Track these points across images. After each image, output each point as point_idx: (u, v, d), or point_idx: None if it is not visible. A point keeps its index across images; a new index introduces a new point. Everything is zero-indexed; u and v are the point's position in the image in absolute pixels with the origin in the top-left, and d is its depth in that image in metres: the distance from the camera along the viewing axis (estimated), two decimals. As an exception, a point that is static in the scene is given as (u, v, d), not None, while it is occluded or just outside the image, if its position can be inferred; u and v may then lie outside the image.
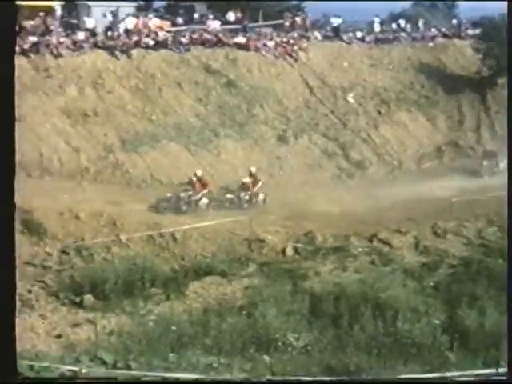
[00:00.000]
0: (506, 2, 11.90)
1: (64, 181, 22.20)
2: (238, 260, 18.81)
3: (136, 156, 24.29)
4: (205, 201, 22.11)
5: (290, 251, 19.64)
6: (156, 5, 46.14)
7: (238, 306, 15.27)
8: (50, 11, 30.79)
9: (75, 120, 24.86)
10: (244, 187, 23.01)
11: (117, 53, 27.90)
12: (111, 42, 28.26)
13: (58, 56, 26.50)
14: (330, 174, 27.31)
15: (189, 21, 33.70)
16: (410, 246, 19.72)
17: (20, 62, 25.86)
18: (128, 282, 15.89)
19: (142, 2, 44.18)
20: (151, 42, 29.09)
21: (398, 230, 20.57)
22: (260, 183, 23.36)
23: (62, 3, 33.35)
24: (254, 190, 23.00)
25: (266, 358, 12.54)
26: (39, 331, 13.30)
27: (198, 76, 28.76)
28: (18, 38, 26.75)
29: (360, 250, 19.33)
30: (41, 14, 29.27)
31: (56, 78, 25.80)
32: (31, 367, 8.73)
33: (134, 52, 28.29)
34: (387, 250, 19.39)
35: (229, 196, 22.91)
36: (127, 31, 29.49)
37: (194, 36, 30.51)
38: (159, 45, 29.16)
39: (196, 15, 34.77)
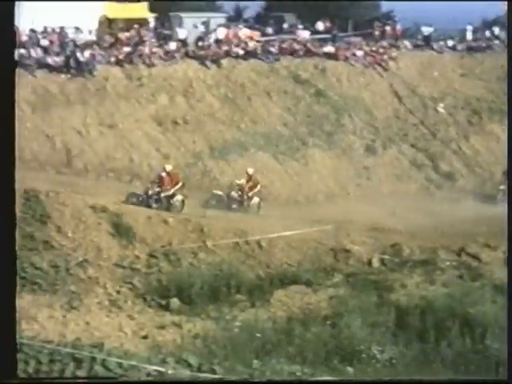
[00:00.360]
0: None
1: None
2: (323, 270, 18.66)
3: (224, 164, 24.63)
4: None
5: (376, 262, 19.32)
6: (246, 15, 46.96)
7: (322, 316, 15.14)
8: (143, 23, 31.79)
9: (166, 127, 25.54)
10: (238, 189, 22.26)
11: (207, 62, 28.44)
12: (202, 52, 28.83)
13: (150, 65, 27.31)
14: (419, 186, 26.83)
15: (278, 31, 33.97)
16: (500, 261, 19.07)
17: (114, 71, 26.86)
18: (214, 288, 16.06)
19: (232, 13, 45.08)
20: (241, 52, 29.48)
21: (487, 245, 19.91)
22: (258, 187, 22.48)
23: (156, 15, 34.39)
24: (250, 194, 22.12)
25: (350, 369, 12.39)
26: (127, 331, 13.60)
27: (286, 85, 28.92)
28: (113, 49, 27.80)
29: (448, 263, 18.81)
30: (135, 25, 30.27)
31: (148, 86, 26.59)
32: (120, 365, 8.94)
33: (224, 61, 28.75)
34: (476, 265, 18.80)
35: (217, 193, 22.30)
36: (218, 41, 30.02)
37: (284, 46, 30.71)
38: (249, 54, 29.52)
39: (285, 25, 35.02)
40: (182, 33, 31.30)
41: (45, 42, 27.43)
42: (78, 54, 26.57)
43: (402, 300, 15.90)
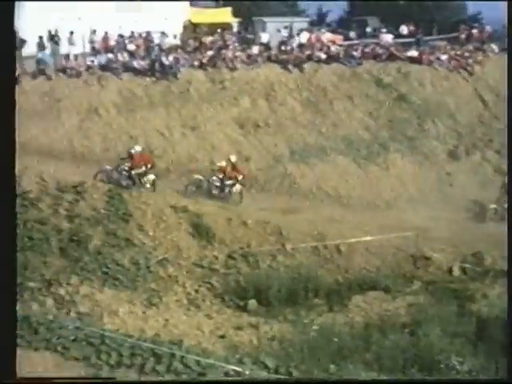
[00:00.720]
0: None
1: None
2: (402, 276, 18.42)
3: (304, 167, 24.61)
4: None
5: (456, 271, 18.93)
6: (329, 19, 46.90)
7: (400, 324, 14.94)
8: (227, 27, 32.21)
9: (247, 130, 25.76)
10: (219, 172, 21.56)
11: (289, 66, 28.53)
12: (284, 56, 28.93)
13: (233, 69, 27.62)
14: (503, 193, 26.01)
15: (361, 35, 33.75)
16: None
17: (198, 74, 27.31)
18: (291, 291, 16.10)
19: (315, 17, 45.08)
20: (323, 56, 29.41)
21: None
22: (241, 177, 21.80)
23: (239, 20, 34.80)
24: (231, 182, 21.45)
25: (429, 379, 12.15)
26: (204, 330, 13.78)
27: (368, 90, 28.69)
28: (196, 53, 28.28)
29: (533, 274, 18.20)
30: (219, 30, 30.72)
31: (230, 89, 26.89)
32: (198, 362, 9.06)
33: (306, 65, 28.78)
34: None
35: (197, 177, 21.64)
36: (300, 45, 30.07)
37: (366, 50, 30.46)
38: (331, 58, 29.43)
39: (368, 29, 34.75)
40: (264, 37, 31.54)
41: (131, 47, 28.17)
42: (163, 58, 27.14)
43: (483, 311, 15.52)
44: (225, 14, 34.61)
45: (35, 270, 15.44)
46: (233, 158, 22.03)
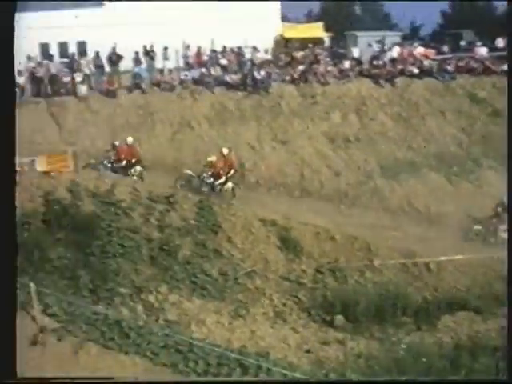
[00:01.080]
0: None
1: (322, 202, 22.92)
2: (494, 297, 17.80)
3: (395, 183, 24.27)
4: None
5: (553, 294, 18.15)
6: (422, 33, 46.23)
7: (492, 347, 14.43)
8: (318, 42, 32.29)
9: (337, 145, 25.69)
10: (209, 166, 20.99)
11: (381, 81, 28.29)
12: (376, 71, 28.71)
13: (324, 84, 27.67)
14: None
15: (455, 48, 33.00)
16: None
17: (289, 89, 27.51)
18: (379, 308, 15.85)
19: (407, 31, 44.55)
20: (415, 71, 29.01)
21: None
22: (232, 171, 21.17)
23: (331, 34, 34.82)
24: (223, 179, 20.87)
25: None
26: (290, 343, 13.76)
27: (462, 105, 28.07)
28: (288, 68, 28.49)
29: None
30: (310, 45, 30.82)
31: (321, 104, 26.94)
32: (285, 375, 9.07)
33: (398, 80, 28.47)
34: None
35: (187, 172, 21.14)
36: (392, 60, 29.74)
37: (460, 64, 29.81)
38: (424, 73, 29.00)
39: (463, 42, 33.96)
40: (356, 51, 31.42)
41: (224, 61, 28.68)
42: (255, 73, 27.49)
43: None
44: (317, 29, 34.70)
45: (126, 276, 15.91)
46: (225, 151, 21.60)
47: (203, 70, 27.67)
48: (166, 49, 28.46)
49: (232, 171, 21.24)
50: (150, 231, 17.96)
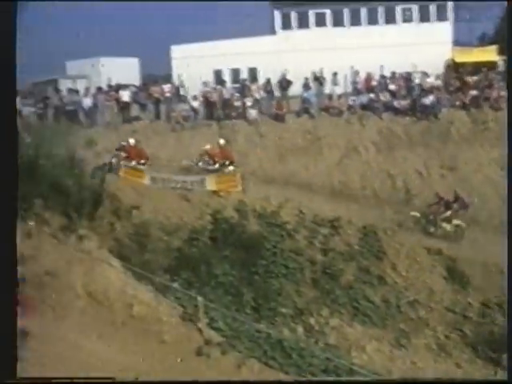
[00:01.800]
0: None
1: (491, 233, 21.89)
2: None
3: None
4: None
5: None
6: None
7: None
8: (492, 66, 31.13)
9: (509, 173, 24.57)
10: (205, 155, 20.57)
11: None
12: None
13: (497, 109, 26.60)
14: None
15: None
16: None
17: (459, 114, 26.78)
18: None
19: None
20: None
21: None
22: (228, 162, 20.87)
23: (505, 58, 33.41)
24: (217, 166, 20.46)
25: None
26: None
27: None
28: (459, 93, 27.73)
29: None
30: (483, 69, 29.81)
31: (493, 130, 25.92)
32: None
33: None
34: None
35: (184, 162, 20.67)
36: None
37: None
38: None
39: None
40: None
41: (393, 87, 28.47)
42: (424, 98, 27.06)
43: None
44: (490, 53, 33.44)
45: (288, 297, 16.18)
46: (221, 141, 21.71)
47: (372, 95, 27.65)
48: (335, 74, 28.79)
49: (227, 162, 21.31)
50: (313, 254, 18.15)
